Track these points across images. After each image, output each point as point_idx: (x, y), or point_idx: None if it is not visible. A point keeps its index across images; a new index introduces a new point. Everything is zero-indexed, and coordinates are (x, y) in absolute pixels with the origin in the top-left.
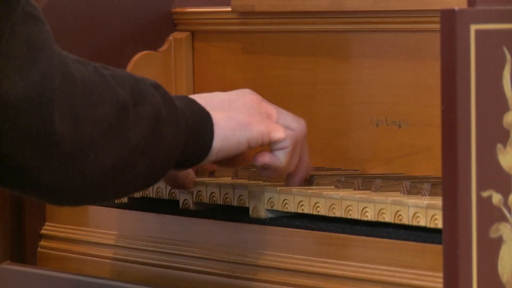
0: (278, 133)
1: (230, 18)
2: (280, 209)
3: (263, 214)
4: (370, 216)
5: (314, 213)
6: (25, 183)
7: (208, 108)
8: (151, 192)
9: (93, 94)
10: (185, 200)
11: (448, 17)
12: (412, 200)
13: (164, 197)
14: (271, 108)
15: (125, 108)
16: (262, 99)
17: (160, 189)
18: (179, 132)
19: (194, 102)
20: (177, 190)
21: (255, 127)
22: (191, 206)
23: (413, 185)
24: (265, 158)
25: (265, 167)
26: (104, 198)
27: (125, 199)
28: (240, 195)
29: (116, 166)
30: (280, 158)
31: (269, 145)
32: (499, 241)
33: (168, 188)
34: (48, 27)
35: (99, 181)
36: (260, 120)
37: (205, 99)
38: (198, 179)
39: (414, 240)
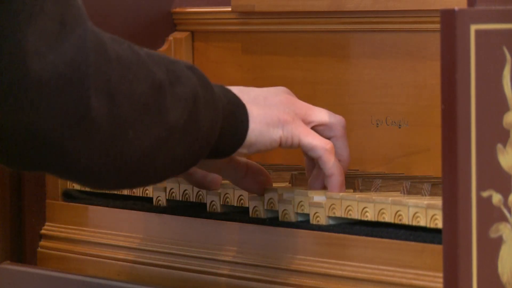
0: (310, 138)
1: (230, 18)
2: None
3: (263, 214)
4: (370, 216)
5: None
6: (65, 165)
7: (244, 100)
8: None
9: (128, 72)
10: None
11: (448, 17)
12: (412, 200)
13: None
14: (305, 108)
15: (162, 88)
16: (296, 99)
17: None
18: (216, 115)
19: (229, 91)
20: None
21: (289, 126)
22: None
23: (413, 185)
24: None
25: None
26: (142, 181)
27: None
28: (240, 195)
29: (155, 146)
30: (325, 166)
31: (304, 153)
32: (499, 241)
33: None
34: (81, 3)
35: (138, 162)
36: (294, 121)
37: (241, 91)
38: None
39: (414, 240)
